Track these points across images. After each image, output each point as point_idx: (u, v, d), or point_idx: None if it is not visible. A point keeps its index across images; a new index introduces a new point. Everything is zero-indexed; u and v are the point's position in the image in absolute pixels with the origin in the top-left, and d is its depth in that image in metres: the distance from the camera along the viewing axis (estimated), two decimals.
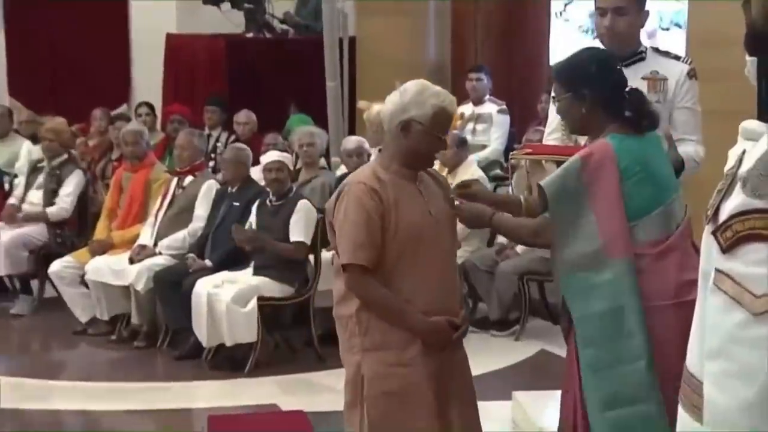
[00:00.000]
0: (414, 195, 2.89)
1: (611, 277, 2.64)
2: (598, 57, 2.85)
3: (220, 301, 5.39)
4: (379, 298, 2.81)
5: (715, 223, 1.16)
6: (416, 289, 2.83)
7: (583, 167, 2.68)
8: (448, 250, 2.96)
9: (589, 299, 2.66)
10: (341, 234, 2.83)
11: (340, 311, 2.91)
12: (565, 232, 2.69)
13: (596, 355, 2.67)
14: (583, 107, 2.76)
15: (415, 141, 2.85)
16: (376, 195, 2.81)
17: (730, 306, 1.12)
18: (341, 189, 2.87)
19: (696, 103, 3.42)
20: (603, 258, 2.64)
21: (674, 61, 3.43)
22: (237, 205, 5.86)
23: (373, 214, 2.79)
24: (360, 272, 2.80)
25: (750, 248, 1.12)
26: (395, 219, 2.81)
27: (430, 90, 2.87)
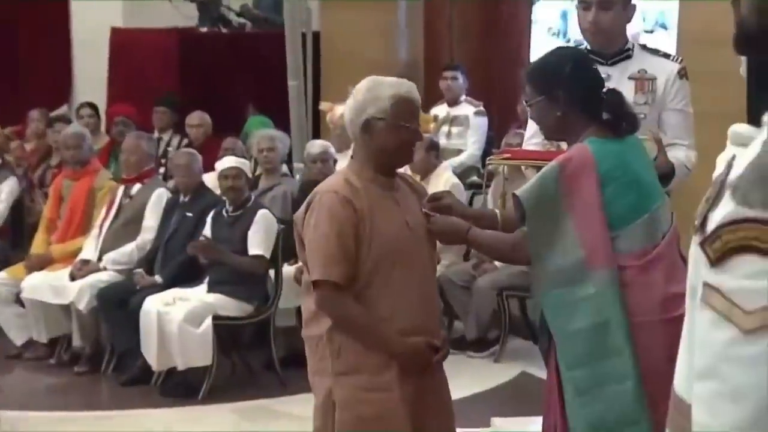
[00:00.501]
0: (390, 205, 2.91)
1: (594, 290, 2.68)
2: (572, 56, 2.89)
3: (172, 320, 5.36)
4: (353, 317, 2.83)
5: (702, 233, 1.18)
6: (393, 307, 2.84)
7: (560, 174, 2.71)
8: (427, 264, 2.98)
9: (572, 316, 2.69)
10: (311, 248, 2.84)
11: (310, 331, 2.92)
12: (543, 244, 2.72)
13: (581, 377, 2.69)
14: (558, 110, 2.80)
15: (381, 138, 2.87)
16: (349, 205, 2.82)
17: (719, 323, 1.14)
18: (311, 199, 2.88)
19: (687, 105, 3.46)
20: (585, 270, 2.67)
21: (664, 59, 3.47)
22: (190, 215, 5.85)
23: (346, 225, 2.80)
24: (332, 289, 2.80)
25: (740, 260, 1.14)
26: (370, 231, 2.83)
27: (383, 82, 2.90)
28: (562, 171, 2.72)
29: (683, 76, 3.45)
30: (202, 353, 5.38)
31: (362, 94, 2.89)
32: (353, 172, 2.91)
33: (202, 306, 5.44)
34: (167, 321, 5.38)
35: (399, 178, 2.99)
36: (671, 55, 3.55)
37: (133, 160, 6.21)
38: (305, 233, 2.87)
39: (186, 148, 6.88)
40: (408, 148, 2.93)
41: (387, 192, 2.92)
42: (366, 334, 2.83)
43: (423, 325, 2.89)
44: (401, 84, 2.91)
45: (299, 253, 2.95)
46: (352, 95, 2.92)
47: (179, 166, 6.00)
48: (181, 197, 6.00)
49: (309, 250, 2.84)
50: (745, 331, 1.12)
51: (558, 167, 2.73)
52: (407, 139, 2.90)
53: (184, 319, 5.35)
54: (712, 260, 1.16)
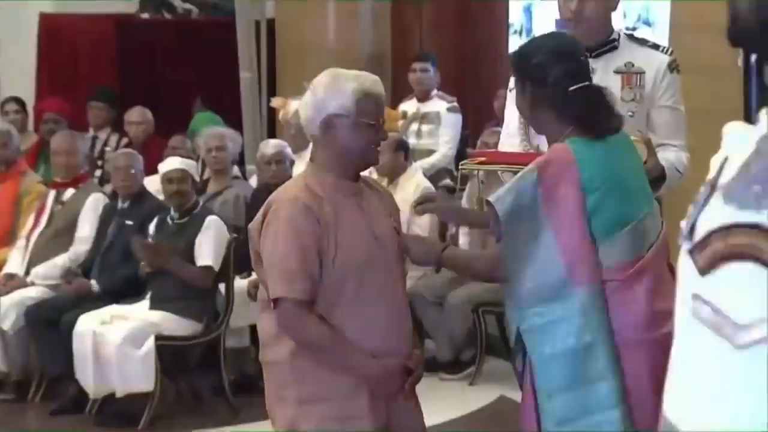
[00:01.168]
0: (355, 213, 2.91)
1: (578, 307, 2.68)
2: (549, 45, 2.89)
3: (109, 341, 5.33)
4: (319, 337, 2.82)
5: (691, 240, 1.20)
6: (362, 327, 2.85)
7: (539, 178, 2.72)
8: (397, 278, 2.99)
9: (552, 337, 2.69)
10: (270, 263, 2.83)
11: (269, 355, 2.92)
12: (521, 256, 2.72)
13: (562, 405, 2.69)
14: (527, 102, 2.85)
15: (345, 138, 2.88)
16: (311, 214, 2.82)
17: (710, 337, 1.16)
18: (267, 207, 2.87)
19: (678, 101, 3.49)
20: (567, 286, 2.68)
21: (652, 51, 3.49)
22: (130, 224, 5.82)
23: (308, 237, 2.81)
24: (295, 308, 2.80)
25: (732, 269, 1.16)
26: (335, 243, 2.83)
27: (344, 75, 2.91)
28: (541, 174, 2.72)
29: (674, 70, 3.46)
30: (144, 378, 5.35)
31: (322, 89, 2.89)
32: (313, 176, 2.91)
33: (143, 325, 5.41)
34: (104, 342, 5.34)
35: (362, 182, 3.00)
36: (661, 46, 3.56)
37: (65, 162, 6.17)
38: (262, 246, 2.86)
39: (125, 149, 6.84)
40: (373, 148, 2.94)
41: (351, 198, 2.93)
42: (334, 356, 2.84)
43: (395, 345, 2.90)
44: (365, 77, 2.92)
45: (256, 268, 2.95)
46: (310, 90, 2.92)
47: (118, 168, 5.98)
48: (119, 203, 5.97)
49: (268, 265, 2.84)
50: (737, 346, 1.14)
51: (536, 170, 2.73)
52: (373, 139, 2.91)
53: (123, 339, 5.32)
54: (702, 269, 1.18)
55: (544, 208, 2.70)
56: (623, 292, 2.71)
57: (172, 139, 7.18)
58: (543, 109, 2.83)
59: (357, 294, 2.84)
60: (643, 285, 2.72)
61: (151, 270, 5.51)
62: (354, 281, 2.84)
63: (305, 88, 2.99)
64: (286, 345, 2.85)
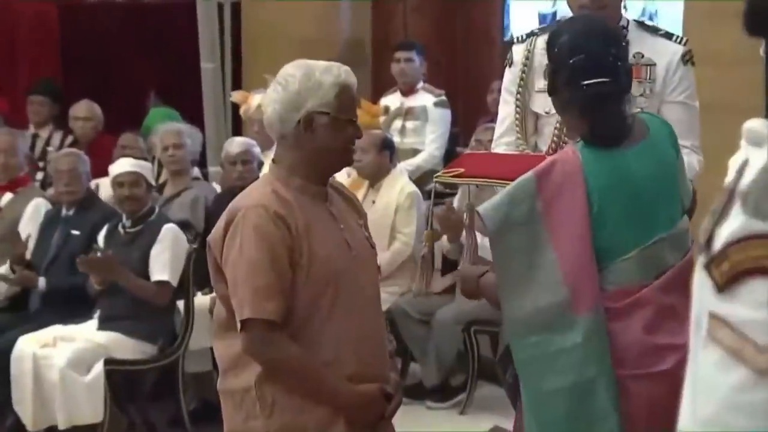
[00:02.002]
0: (327, 221, 2.92)
1: (580, 339, 2.65)
2: (575, 28, 2.88)
3: (52, 366, 5.31)
4: (291, 362, 2.83)
5: (708, 253, 1.21)
6: (337, 348, 2.86)
7: (539, 187, 2.68)
8: (372, 294, 3.00)
9: (551, 371, 2.67)
10: (236, 279, 2.82)
11: (231, 384, 2.91)
12: (515, 278, 2.68)
13: None
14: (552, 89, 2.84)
15: (326, 137, 2.88)
16: (282, 223, 2.82)
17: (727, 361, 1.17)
18: (231, 215, 2.86)
19: (692, 97, 3.50)
20: (569, 313, 2.65)
21: (665, 40, 3.51)
22: (76, 233, 5.80)
23: (279, 249, 2.80)
24: (265, 329, 2.80)
25: (752, 285, 1.16)
26: (308, 254, 2.83)
27: (319, 67, 2.91)
28: (541, 183, 2.68)
29: (688, 62, 3.48)
30: (91, 407, 5.32)
31: (297, 83, 2.89)
32: (280, 180, 2.91)
33: (91, 347, 5.39)
34: (46, 367, 5.32)
35: (329, 186, 3.01)
36: (674, 35, 3.57)
37: (3, 163, 6.15)
38: (225, 259, 2.85)
39: (70, 148, 6.82)
40: (350, 149, 2.96)
41: (322, 204, 2.94)
42: (306, 382, 2.84)
43: (372, 368, 2.91)
44: (338, 68, 2.93)
45: (215, 283, 2.94)
46: (279, 85, 2.92)
47: (62, 170, 5.95)
48: (63, 210, 5.95)
49: (233, 282, 2.83)
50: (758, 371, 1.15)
51: (535, 178, 2.69)
52: (351, 139, 2.93)
53: (67, 364, 5.30)
54: (719, 285, 1.18)
55: (544, 222, 2.66)
56: (617, 321, 2.68)
57: (123, 137, 7.16)
58: (559, 97, 2.82)
59: (331, 310, 2.85)
60: (639, 316, 2.68)
61: (101, 287, 5.49)
62: (328, 296, 2.85)
63: (269, 82, 2.99)
64: (250, 371, 2.85)
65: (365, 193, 6.35)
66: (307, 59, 2.98)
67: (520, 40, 3.64)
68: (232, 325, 2.86)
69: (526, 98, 3.55)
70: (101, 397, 5.32)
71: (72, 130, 7.83)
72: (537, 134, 3.57)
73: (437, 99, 7.50)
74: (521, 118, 3.56)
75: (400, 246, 6.28)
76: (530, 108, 3.55)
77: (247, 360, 2.85)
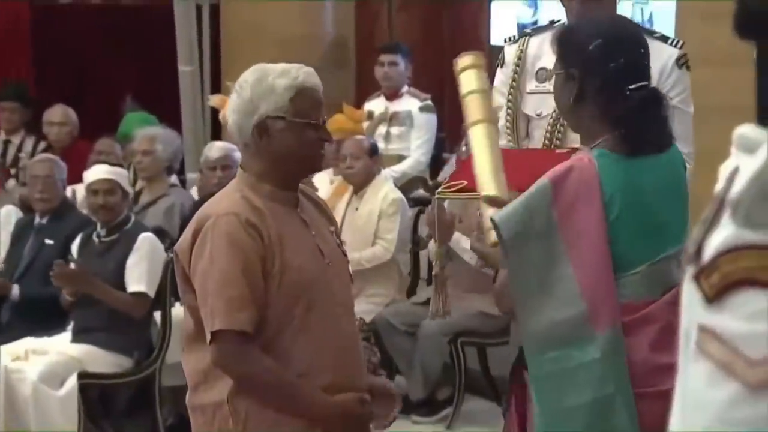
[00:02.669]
0: (299, 228, 2.93)
1: (598, 355, 2.63)
2: (607, 31, 2.84)
3: (24, 380, 5.29)
4: (264, 374, 2.82)
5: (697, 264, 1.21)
6: (311, 359, 2.86)
7: (555, 196, 2.65)
8: (346, 302, 3.01)
9: (570, 387, 2.65)
10: (207, 289, 2.81)
11: (202, 398, 2.91)
12: (531, 291, 2.67)
13: None
14: (571, 94, 2.78)
15: (284, 142, 2.88)
16: (254, 231, 2.82)
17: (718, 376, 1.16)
18: (200, 224, 2.86)
19: (685, 101, 3.51)
20: (587, 328, 2.64)
21: (659, 43, 3.52)
22: (50, 243, 5.79)
23: (252, 258, 2.80)
24: (237, 341, 2.80)
25: (743, 297, 1.16)
26: (280, 263, 2.83)
27: (273, 71, 2.91)
28: (556, 189, 2.66)
29: (683, 66, 3.49)
30: (64, 422, 5.31)
31: (249, 89, 2.89)
32: (249, 187, 2.91)
33: (64, 361, 5.37)
34: (18, 381, 5.30)
35: (300, 193, 3.01)
36: (670, 38, 3.59)
37: None
38: (194, 269, 2.84)
39: (44, 154, 6.80)
40: (317, 152, 2.95)
41: (293, 211, 2.94)
42: (281, 395, 2.84)
43: (348, 378, 2.92)
44: (296, 70, 2.91)
45: (183, 294, 2.94)
46: (235, 92, 2.93)
47: (36, 177, 5.94)
48: (37, 218, 5.94)
49: (203, 292, 2.82)
50: (750, 386, 1.14)
51: (551, 185, 2.66)
52: (315, 140, 2.92)
53: (40, 377, 5.28)
54: (709, 297, 1.18)
55: (561, 232, 2.64)
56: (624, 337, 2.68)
57: (99, 142, 7.15)
58: (587, 104, 2.76)
59: (305, 321, 2.85)
60: (645, 334, 2.68)
61: (73, 298, 5.47)
62: (302, 306, 2.85)
63: (230, 90, 2.99)
64: (222, 385, 2.84)
65: (349, 199, 6.35)
66: (288, 61, 2.97)
67: (512, 40, 3.65)
68: (201, 337, 2.86)
69: (517, 100, 3.55)
70: (75, 413, 5.31)
71: (45, 136, 7.81)
72: (528, 138, 3.57)
73: (423, 104, 7.51)
74: (512, 121, 3.56)
75: (380, 249, 6.28)
76: (521, 110, 3.55)
77: (218, 373, 2.84)
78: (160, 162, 6.50)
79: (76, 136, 7.72)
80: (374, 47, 8.11)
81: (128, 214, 5.67)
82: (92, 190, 5.55)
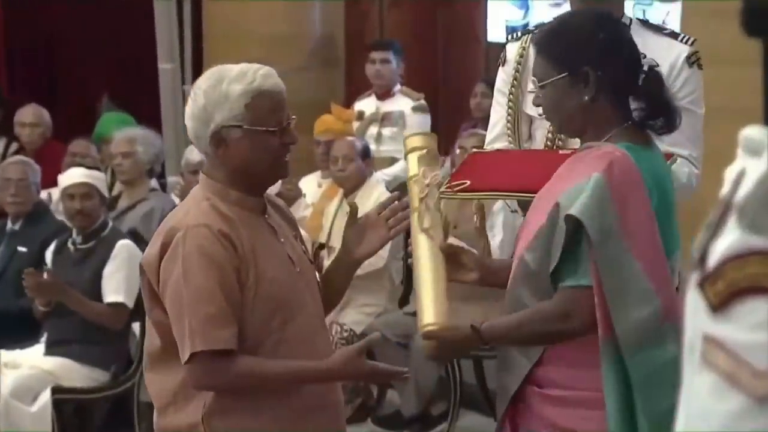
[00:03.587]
0: (269, 237, 2.91)
1: (675, 350, 2.62)
2: (603, 21, 2.87)
3: None
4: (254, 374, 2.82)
5: (702, 270, 1.21)
6: None
7: (611, 190, 2.64)
8: (316, 311, 2.99)
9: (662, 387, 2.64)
10: (181, 307, 2.78)
11: (172, 421, 2.88)
12: (618, 289, 2.64)
13: None
14: (585, 94, 2.76)
15: (243, 152, 2.84)
16: (228, 242, 2.79)
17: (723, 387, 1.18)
18: (168, 235, 2.82)
19: (697, 102, 3.50)
20: (662, 324, 2.65)
21: (669, 39, 3.52)
22: (23, 250, 5.79)
23: (228, 269, 2.79)
24: (219, 359, 2.78)
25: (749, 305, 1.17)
26: (255, 274, 2.82)
27: (227, 75, 2.85)
28: (611, 185, 2.64)
29: (694, 63, 3.47)
30: None
31: (203, 97, 2.84)
32: (215, 194, 2.88)
33: (37, 374, 5.37)
34: None
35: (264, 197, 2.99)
36: (680, 34, 3.57)
37: None
38: (164, 285, 2.81)
39: (17, 156, 6.79)
40: (279, 157, 2.89)
41: (261, 218, 2.92)
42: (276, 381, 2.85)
43: (327, 392, 2.93)
44: (253, 72, 2.85)
45: (149, 310, 2.90)
46: (191, 98, 2.89)
47: (8, 180, 5.94)
48: (9, 224, 5.93)
49: (177, 310, 2.78)
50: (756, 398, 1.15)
51: (604, 179, 2.64)
52: (276, 147, 2.86)
53: (11, 392, 5.28)
54: (714, 305, 1.19)
55: (622, 227, 2.63)
56: None
57: (74, 143, 7.13)
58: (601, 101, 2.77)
59: (281, 335, 2.85)
60: None
61: (46, 309, 5.46)
62: (278, 321, 2.85)
63: (186, 95, 2.97)
64: (196, 404, 2.83)
65: (338, 203, 6.34)
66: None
67: (515, 37, 3.64)
68: (168, 355, 2.84)
69: (518, 99, 3.54)
70: (49, 429, 5.30)
71: (17, 137, 7.80)
72: (530, 140, 3.56)
73: (416, 103, 7.50)
74: (513, 122, 3.54)
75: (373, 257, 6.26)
76: (523, 110, 3.54)
77: (189, 393, 2.82)
78: (141, 165, 6.50)
79: (49, 137, 7.71)
80: (364, 45, 8.10)
81: (105, 220, 5.66)
82: (68, 195, 5.54)
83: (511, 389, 2.83)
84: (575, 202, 2.64)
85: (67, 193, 5.55)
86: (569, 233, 2.64)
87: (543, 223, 2.71)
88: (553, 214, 2.69)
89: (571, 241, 2.66)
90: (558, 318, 2.72)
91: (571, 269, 2.68)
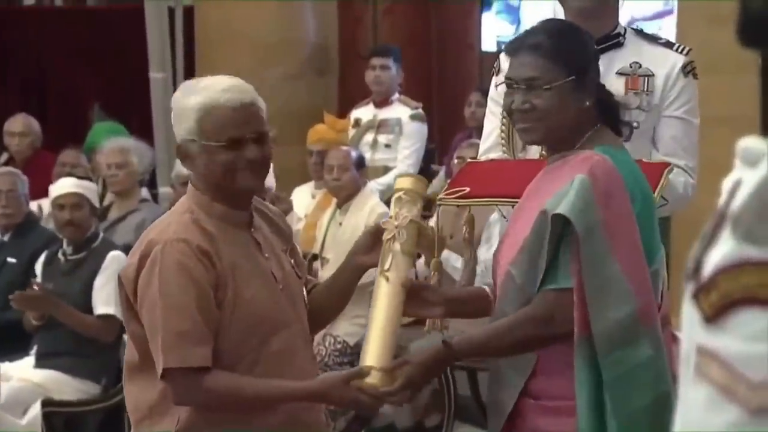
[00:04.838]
0: (252, 253, 2.90)
1: (651, 352, 2.68)
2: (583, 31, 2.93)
3: None
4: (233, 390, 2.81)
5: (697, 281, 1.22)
6: None
7: (595, 191, 2.67)
8: (300, 330, 2.97)
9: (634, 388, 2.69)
10: (156, 322, 2.78)
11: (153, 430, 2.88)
12: (598, 288, 2.67)
13: None
14: (586, 100, 2.80)
15: (202, 165, 2.86)
16: (206, 259, 2.79)
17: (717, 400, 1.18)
18: (146, 249, 2.82)
19: (691, 112, 3.51)
20: (639, 325, 2.68)
21: (665, 49, 3.54)
22: (12, 261, 5.79)
23: (205, 286, 2.78)
24: (194, 376, 2.78)
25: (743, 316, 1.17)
26: (233, 292, 2.82)
27: (193, 88, 2.88)
28: (594, 185, 2.68)
29: (689, 73, 3.49)
30: None
31: (173, 109, 2.91)
32: (199, 206, 2.88)
33: (27, 387, 5.37)
34: None
35: (255, 210, 2.98)
36: (675, 44, 3.60)
37: None
38: (141, 298, 2.81)
39: (6, 167, 6.79)
40: (235, 171, 2.84)
41: (245, 233, 2.91)
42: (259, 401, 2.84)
43: (305, 411, 2.92)
44: (214, 85, 2.86)
45: (127, 322, 2.90)
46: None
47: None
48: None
49: (152, 325, 2.79)
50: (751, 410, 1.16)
51: (589, 180, 2.68)
52: (229, 161, 2.83)
53: (2, 405, 5.28)
54: (708, 316, 1.20)
55: (605, 228, 2.66)
56: None
57: (64, 153, 7.14)
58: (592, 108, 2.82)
59: (260, 355, 2.84)
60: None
61: (39, 322, 5.46)
62: (256, 339, 2.84)
63: None
64: (171, 417, 2.83)
65: (332, 214, 6.34)
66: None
67: None
68: (146, 367, 2.84)
69: None
70: None
71: (7, 147, 7.80)
72: (525, 150, 3.56)
73: (414, 112, 7.46)
74: (507, 132, 3.54)
75: None
76: None
77: (165, 407, 2.83)
78: (136, 175, 6.51)
79: (38, 147, 7.71)
80: (358, 53, 8.11)
81: (96, 231, 5.66)
82: (58, 205, 5.54)
83: (506, 405, 2.84)
84: (561, 203, 2.67)
85: (57, 203, 5.55)
86: (555, 234, 2.67)
87: (527, 236, 2.73)
88: (540, 222, 2.71)
89: (554, 244, 2.69)
90: (541, 322, 2.72)
91: (552, 273, 2.71)
